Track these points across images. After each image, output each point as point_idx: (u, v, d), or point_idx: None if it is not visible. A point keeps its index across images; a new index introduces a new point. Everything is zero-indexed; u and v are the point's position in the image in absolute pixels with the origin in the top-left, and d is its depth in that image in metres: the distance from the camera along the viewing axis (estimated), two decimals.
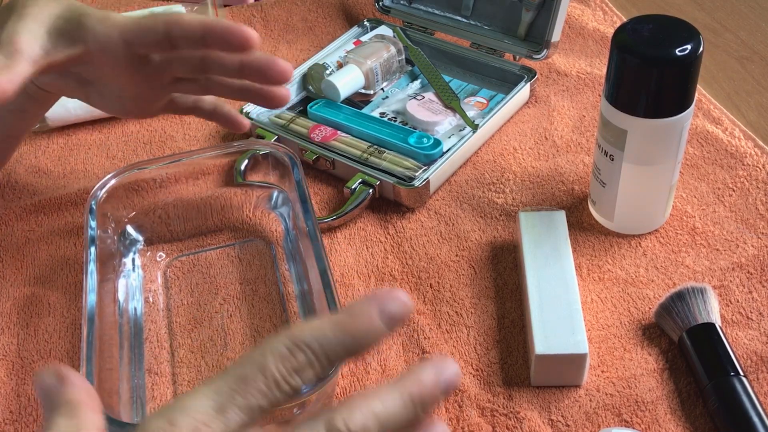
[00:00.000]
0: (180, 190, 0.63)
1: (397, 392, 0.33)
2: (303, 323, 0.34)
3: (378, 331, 0.34)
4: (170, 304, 0.59)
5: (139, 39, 0.54)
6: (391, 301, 0.34)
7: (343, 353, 0.34)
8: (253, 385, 0.32)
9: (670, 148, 0.56)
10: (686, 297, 0.53)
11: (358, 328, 0.34)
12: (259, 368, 0.33)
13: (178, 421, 0.31)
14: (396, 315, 0.34)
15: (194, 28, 0.53)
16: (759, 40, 0.83)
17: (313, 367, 0.33)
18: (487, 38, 0.77)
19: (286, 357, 0.33)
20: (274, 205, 0.64)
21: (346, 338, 0.34)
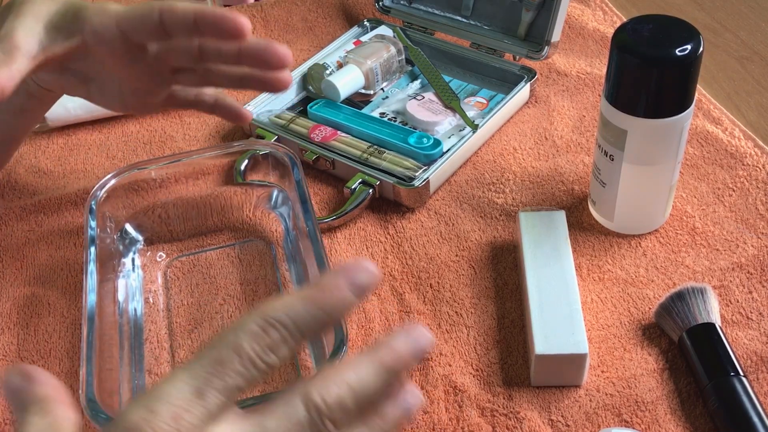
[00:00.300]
0: (180, 190, 0.63)
1: (371, 362, 0.34)
2: (273, 300, 0.34)
3: (348, 302, 0.35)
4: (170, 304, 0.59)
5: (134, 27, 0.54)
6: (360, 272, 0.35)
7: (316, 326, 0.34)
8: (229, 366, 0.33)
9: (670, 148, 0.56)
10: (686, 297, 0.53)
11: (328, 301, 0.34)
12: (234, 349, 0.33)
13: (158, 409, 0.31)
14: (365, 284, 0.35)
15: (187, 15, 0.53)
16: (759, 40, 0.83)
17: (286, 343, 0.33)
18: (487, 38, 0.77)
19: (259, 335, 0.33)
20: (274, 205, 0.64)
21: (318, 311, 0.34)
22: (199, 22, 0.53)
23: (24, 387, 0.36)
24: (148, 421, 0.31)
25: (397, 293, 0.59)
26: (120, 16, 0.54)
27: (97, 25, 0.54)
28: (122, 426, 0.32)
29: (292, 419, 0.33)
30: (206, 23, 0.52)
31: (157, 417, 0.31)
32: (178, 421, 0.31)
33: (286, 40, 0.86)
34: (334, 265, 0.60)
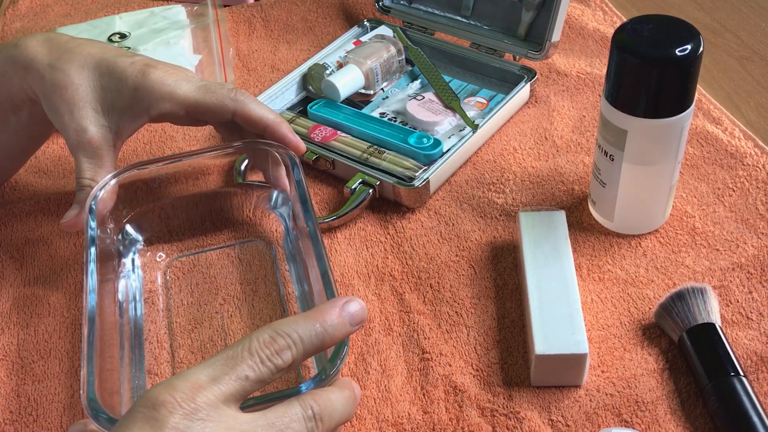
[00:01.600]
0: (180, 190, 0.63)
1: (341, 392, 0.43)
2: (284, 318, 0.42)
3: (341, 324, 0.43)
4: (170, 304, 0.59)
5: (205, 118, 0.58)
6: (351, 302, 0.44)
7: (316, 340, 0.42)
8: (242, 361, 0.39)
9: (670, 148, 0.56)
10: (686, 297, 0.53)
11: (326, 319, 0.42)
12: (247, 349, 0.40)
13: (178, 385, 0.38)
14: (354, 313, 0.44)
15: (258, 126, 0.58)
16: (759, 40, 0.83)
17: (291, 350, 0.41)
18: (487, 38, 0.77)
19: (269, 342, 0.40)
20: (274, 205, 0.64)
21: (317, 327, 0.42)
22: (268, 133, 0.58)
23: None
24: (169, 391, 0.37)
25: (397, 293, 0.59)
26: (190, 105, 0.57)
27: (165, 110, 0.57)
28: (145, 396, 0.38)
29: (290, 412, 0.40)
30: (272, 137, 0.58)
31: (177, 390, 0.37)
32: (195, 395, 0.37)
33: (286, 40, 0.86)
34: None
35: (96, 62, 0.56)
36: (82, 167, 0.56)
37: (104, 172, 0.56)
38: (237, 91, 0.58)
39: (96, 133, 0.55)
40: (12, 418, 0.53)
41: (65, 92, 0.55)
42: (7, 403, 0.54)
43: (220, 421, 0.38)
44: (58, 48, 0.57)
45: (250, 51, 0.85)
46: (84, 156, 0.56)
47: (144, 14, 0.87)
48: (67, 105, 0.55)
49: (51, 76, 0.55)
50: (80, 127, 0.55)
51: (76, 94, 0.55)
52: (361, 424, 0.51)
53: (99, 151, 0.56)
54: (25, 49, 0.57)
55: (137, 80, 0.55)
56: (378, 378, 0.53)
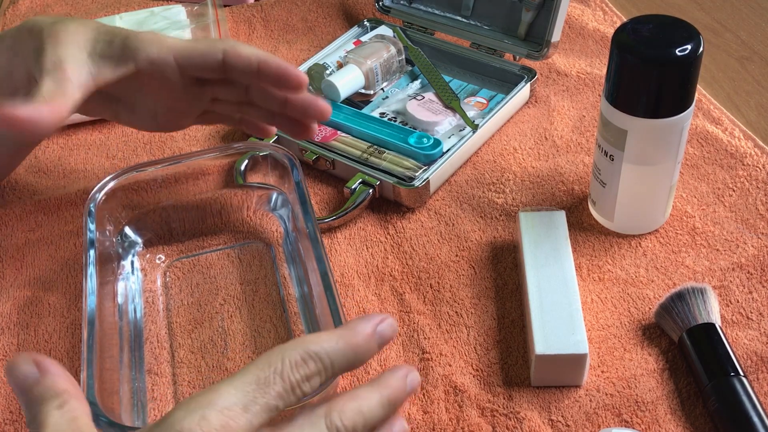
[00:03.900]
0: (179, 192, 0.63)
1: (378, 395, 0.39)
2: (311, 335, 0.39)
3: (372, 347, 0.40)
4: (170, 304, 0.59)
5: (193, 63, 0.55)
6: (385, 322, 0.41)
7: (346, 365, 0.39)
8: (273, 388, 0.37)
9: (670, 148, 0.56)
10: (686, 297, 0.53)
11: (359, 344, 0.39)
12: (278, 373, 0.37)
13: (210, 417, 0.35)
14: (386, 335, 0.41)
15: (251, 61, 0.55)
16: (759, 40, 0.83)
17: (320, 376, 0.38)
18: (487, 38, 0.77)
19: (300, 365, 0.38)
20: (274, 206, 0.64)
21: (348, 351, 0.39)
22: (262, 70, 0.55)
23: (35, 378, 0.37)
24: (201, 426, 0.34)
25: (397, 293, 0.59)
26: (178, 50, 0.55)
27: (153, 55, 0.54)
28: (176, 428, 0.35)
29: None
30: (268, 72, 0.55)
31: (209, 423, 0.35)
32: (227, 428, 0.35)
33: (286, 40, 0.86)
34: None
35: (96, 25, 0.55)
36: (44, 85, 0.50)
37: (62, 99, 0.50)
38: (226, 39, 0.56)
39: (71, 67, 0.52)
40: (12, 418, 0.53)
41: (58, 36, 0.53)
42: (7, 403, 0.54)
43: None
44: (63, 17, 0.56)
45: None
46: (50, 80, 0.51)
47: (144, 14, 0.87)
48: (53, 44, 0.53)
49: (50, 28, 0.54)
50: (58, 58, 0.52)
51: (67, 37, 0.53)
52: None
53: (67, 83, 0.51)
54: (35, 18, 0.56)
55: (129, 33, 0.55)
56: None
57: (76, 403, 0.37)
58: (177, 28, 0.84)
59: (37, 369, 0.38)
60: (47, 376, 0.37)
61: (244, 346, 0.56)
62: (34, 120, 0.49)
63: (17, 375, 0.37)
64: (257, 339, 0.56)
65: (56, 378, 0.38)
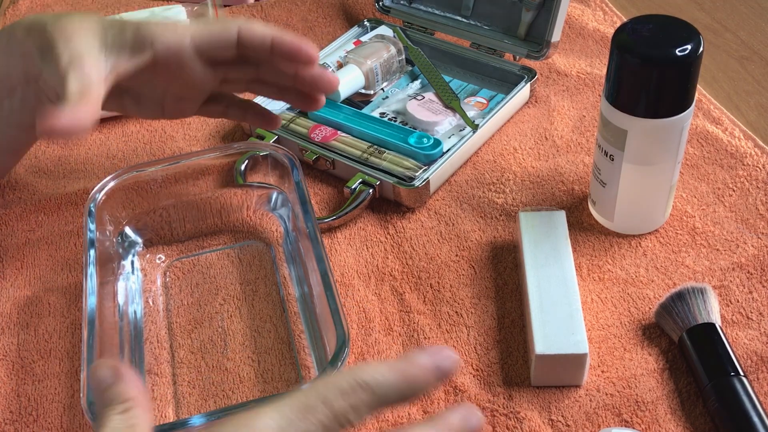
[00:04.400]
0: (179, 192, 0.63)
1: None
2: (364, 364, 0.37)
3: (429, 383, 0.37)
4: (170, 304, 0.59)
5: (210, 44, 0.55)
6: (445, 358, 0.38)
7: (397, 397, 0.37)
8: (315, 415, 0.35)
9: (670, 148, 0.56)
10: (686, 297, 0.53)
11: (415, 376, 0.37)
12: (323, 400, 0.35)
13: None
14: (447, 370, 0.38)
15: (265, 37, 0.55)
16: (759, 40, 0.83)
17: (369, 407, 0.36)
18: (487, 38, 0.77)
19: (347, 393, 0.35)
20: (274, 206, 0.64)
21: (402, 383, 0.36)
22: (276, 47, 0.55)
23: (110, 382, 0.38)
24: None
25: (397, 293, 0.59)
26: (195, 32, 0.55)
27: (170, 41, 0.54)
28: None
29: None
30: (283, 49, 0.55)
31: None
32: None
33: None
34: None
35: (99, 17, 0.54)
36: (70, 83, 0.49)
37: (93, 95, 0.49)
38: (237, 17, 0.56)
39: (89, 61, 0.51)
40: (12, 418, 0.53)
41: (65, 30, 0.52)
42: (7, 403, 0.54)
43: None
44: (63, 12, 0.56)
45: None
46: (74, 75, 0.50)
47: (144, 14, 0.87)
48: (64, 38, 0.51)
49: (54, 23, 0.53)
50: (74, 52, 0.50)
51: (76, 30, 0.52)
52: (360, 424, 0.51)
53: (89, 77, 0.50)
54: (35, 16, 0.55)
55: (139, 22, 0.54)
56: None
57: (139, 411, 0.38)
58: None
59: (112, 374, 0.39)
60: (120, 383, 0.38)
61: (244, 346, 0.56)
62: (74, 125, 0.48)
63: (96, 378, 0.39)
64: (257, 339, 0.56)
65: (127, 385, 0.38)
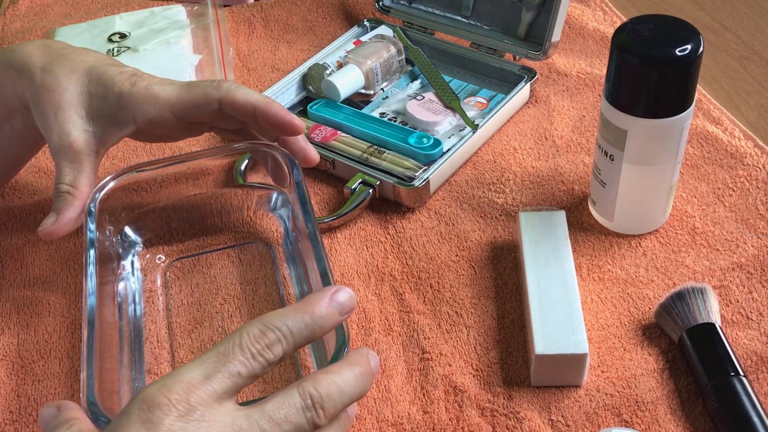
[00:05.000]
0: (179, 192, 0.63)
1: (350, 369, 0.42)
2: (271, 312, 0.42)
3: (331, 314, 0.43)
4: (170, 304, 0.59)
5: (191, 114, 0.57)
6: (340, 291, 0.44)
7: (306, 332, 0.42)
8: (233, 357, 0.39)
9: (670, 148, 0.56)
10: (686, 297, 0.53)
11: (315, 310, 0.42)
12: (238, 345, 0.40)
13: (172, 386, 0.38)
14: (344, 302, 0.43)
15: (247, 109, 0.56)
16: (759, 40, 0.83)
17: (281, 343, 0.41)
18: (487, 38, 0.77)
19: (259, 336, 0.40)
20: (274, 206, 0.64)
21: (306, 318, 0.42)
22: (258, 116, 0.56)
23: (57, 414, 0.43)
24: (163, 392, 0.37)
25: (397, 293, 0.59)
26: (175, 104, 0.56)
27: (151, 115, 0.56)
28: (140, 398, 0.38)
29: (286, 402, 0.39)
30: (264, 117, 0.56)
31: (171, 390, 0.38)
32: (189, 395, 0.38)
33: (286, 40, 0.86)
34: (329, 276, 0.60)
35: (87, 69, 0.56)
36: (62, 172, 0.55)
37: (84, 179, 0.55)
38: (220, 81, 0.57)
39: (78, 137, 0.55)
40: (12, 418, 0.53)
41: (52, 95, 0.55)
42: (7, 403, 0.54)
43: (215, 420, 0.38)
44: (52, 53, 0.57)
45: (250, 51, 0.85)
46: (64, 160, 0.55)
47: (144, 14, 0.87)
48: (53, 107, 0.55)
49: (41, 79, 0.55)
50: (63, 130, 0.54)
51: (63, 97, 0.55)
52: (361, 424, 0.51)
53: (80, 155, 0.55)
54: (21, 54, 0.57)
55: (123, 88, 0.55)
56: (378, 378, 0.53)
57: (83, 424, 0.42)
58: (177, 28, 0.85)
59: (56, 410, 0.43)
60: (64, 411, 0.43)
61: None
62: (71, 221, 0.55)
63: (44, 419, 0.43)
64: None
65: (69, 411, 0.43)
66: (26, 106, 0.57)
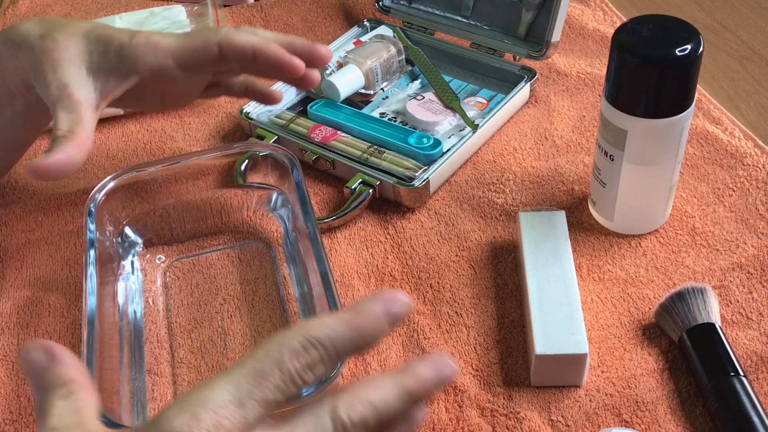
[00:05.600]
0: (179, 192, 0.63)
1: (395, 385, 0.36)
2: (313, 320, 0.36)
3: (382, 329, 0.37)
4: (170, 304, 0.59)
5: (192, 60, 0.56)
6: (395, 302, 0.37)
7: (351, 349, 0.36)
8: (270, 380, 0.34)
9: (670, 148, 0.56)
10: (686, 297, 0.53)
11: (365, 325, 0.36)
12: (276, 364, 0.34)
13: (201, 416, 0.33)
14: (399, 314, 0.37)
15: (246, 50, 0.56)
16: (759, 40, 0.83)
17: (324, 363, 0.35)
18: (487, 38, 0.77)
19: (300, 353, 0.35)
20: (274, 206, 0.64)
21: (354, 335, 0.36)
22: (258, 58, 0.56)
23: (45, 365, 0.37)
24: (191, 427, 0.32)
25: None
26: (176, 51, 0.56)
27: (153, 63, 0.55)
28: (166, 428, 0.32)
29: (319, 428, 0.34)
30: (264, 60, 0.56)
31: (200, 423, 0.32)
32: (219, 429, 0.33)
33: None
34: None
35: (85, 31, 0.56)
36: (60, 119, 0.52)
37: (82, 128, 0.52)
38: (220, 26, 0.56)
39: (78, 89, 0.53)
40: (12, 418, 0.53)
41: (52, 55, 0.54)
42: (7, 403, 0.54)
43: None
44: (50, 23, 0.56)
45: None
46: (62, 110, 0.53)
47: (144, 14, 0.87)
48: (51, 66, 0.54)
49: (41, 44, 0.54)
50: (61, 83, 0.53)
51: (62, 56, 0.54)
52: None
53: (78, 106, 0.53)
54: (19, 29, 0.56)
55: (123, 41, 0.55)
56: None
57: (83, 394, 0.37)
58: (177, 28, 0.85)
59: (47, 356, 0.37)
60: (57, 365, 0.37)
61: (244, 346, 0.56)
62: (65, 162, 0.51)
63: (28, 361, 0.37)
64: (257, 339, 0.56)
65: (65, 367, 0.37)
66: (28, 86, 0.57)
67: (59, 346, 0.38)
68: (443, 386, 0.37)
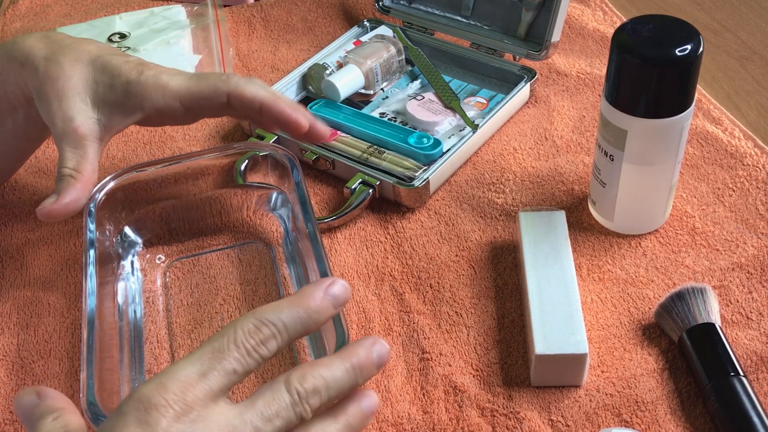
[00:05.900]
0: (179, 192, 0.63)
1: (341, 361, 0.41)
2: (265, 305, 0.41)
3: (325, 308, 0.42)
4: (170, 305, 0.59)
5: (201, 107, 0.57)
6: (334, 284, 0.43)
7: (300, 326, 0.41)
8: (228, 354, 0.39)
9: (670, 148, 0.56)
10: (686, 297, 0.53)
11: (309, 304, 0.42)
12: (233, 341, 0.39)
13: (167, 383, 0.37)
14: (338, 295, 0.43)
15: (254, 104, 0.56)
16: (759, 40, 0.83)
17: (276, 339, 0.40)
18: (487, 38, 0.77)
19: (253, 331, 0.40)
20: (274, 206, 0.64)
21: (300, 313, 0.41)
22: (264, 112, 0.57)
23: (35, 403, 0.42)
24: (159, 392, 0.37)
25: (397, 293, 0.59)
26: (184, 94, 0.56)
27: (160, 104, 0.56)
28: (135, 397, 0.37)
29: (276, 398, 0.39)
30: (270, 115, 0.57)
31: (166, 389, 0.37)
32: (185, 394, 0.37)
33: (286, 40, 0.86)
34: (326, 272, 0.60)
35: (91, 58, 0.56)
36: (65, 156, 0.53)
37: (88, 164, 0.54)
38: (229, 74, 0.57)
39: (83, 122, 0.54)
40: (12, 418, 0.53)
41: (56, 83, 0.54)
42: (7, 403, 0.54)
43: (210, 420, 0.38)
44: (55, 43, 0.56)
45: (250, 51, 0.85)
46: (68, 145, 0.54)
47: (144, 14, 0.87)
48: (56, 95, 0.54)
49: (45, 68, 0.55)
50: (67, 116, 0.54)
51: (67, 84, 0.54)
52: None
53: (83, 141, 0.54)
54: (23, 45, 0.56)
55: (131, 76, 0.55)
56: (378, 378, 0.53)
57: (71, 416, 0.41)
58: (177, 27, 0.85)
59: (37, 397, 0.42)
60: (46, 400, 0.42)
61: None
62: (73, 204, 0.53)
63: (21, 405, 0.42)
64: None
65: (54, 400, 0.42)
66: (29, 99, 0.57)
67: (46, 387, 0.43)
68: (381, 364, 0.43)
